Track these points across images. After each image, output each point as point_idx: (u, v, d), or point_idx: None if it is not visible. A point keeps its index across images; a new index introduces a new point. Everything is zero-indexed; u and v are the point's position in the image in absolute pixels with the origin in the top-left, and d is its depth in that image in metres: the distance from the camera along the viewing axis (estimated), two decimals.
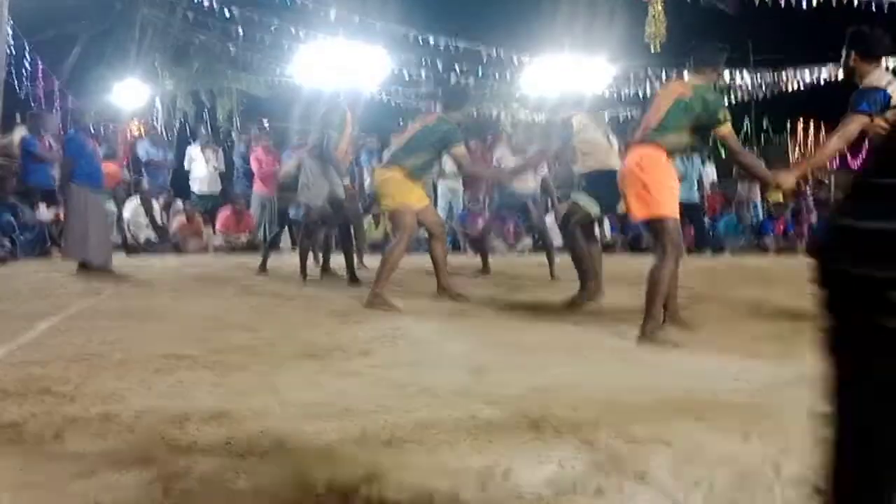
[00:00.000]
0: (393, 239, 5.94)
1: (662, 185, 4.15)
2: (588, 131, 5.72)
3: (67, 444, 2.22)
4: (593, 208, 5.59)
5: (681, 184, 4.70)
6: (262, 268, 7.91)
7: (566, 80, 14.14)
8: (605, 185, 5.45)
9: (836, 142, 4.65)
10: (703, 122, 4.21)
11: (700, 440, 2.30)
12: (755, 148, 15.83)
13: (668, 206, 4.15)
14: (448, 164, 11.98)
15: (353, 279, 6.90)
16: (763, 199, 13.33)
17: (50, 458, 2.09)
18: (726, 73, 19.10)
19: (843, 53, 4.62)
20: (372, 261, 9.16)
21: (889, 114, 4.36)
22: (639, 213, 4.20)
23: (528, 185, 7.71)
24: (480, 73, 16.97)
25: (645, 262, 4.33)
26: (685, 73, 4.55)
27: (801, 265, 3.95)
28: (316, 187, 6.93)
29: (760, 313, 5.25)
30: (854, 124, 4.45)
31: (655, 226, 4.17)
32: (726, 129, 4.26)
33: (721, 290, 6.94)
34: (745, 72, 19.21)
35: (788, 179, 4.52)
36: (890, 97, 4.41)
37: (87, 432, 2.32)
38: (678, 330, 4.35)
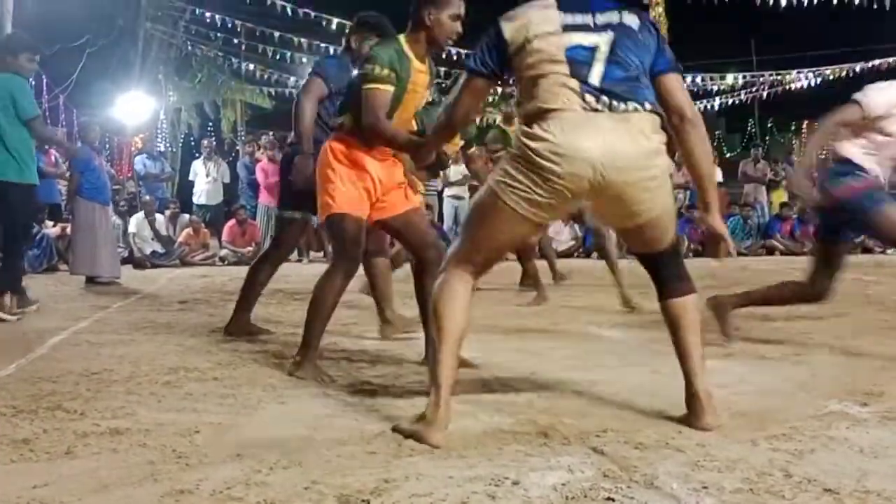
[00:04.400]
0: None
1: (326, 180, 3.42)
2: None
3: (79, 460, 2.23)
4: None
5: None
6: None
7: None
8: None
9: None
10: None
11: (710, 445, 2.30)
12: (759, 149, 15.70)
13: (329, 205, 3.41)
14: (452, 172, 12.02)
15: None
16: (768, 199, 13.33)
17: (62, 473, 2.10)
18: (730, 76, 19.14)
19: None
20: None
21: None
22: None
23: None
24: None
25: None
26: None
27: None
28: None
29: (768, 315, 5.24)
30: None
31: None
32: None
33: (728, 291, 6.92)
34: (747, 74, 19.16)
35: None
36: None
37: (98, 447, 2.33)
38: None
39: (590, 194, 2.39)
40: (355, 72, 3.83)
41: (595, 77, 2.38)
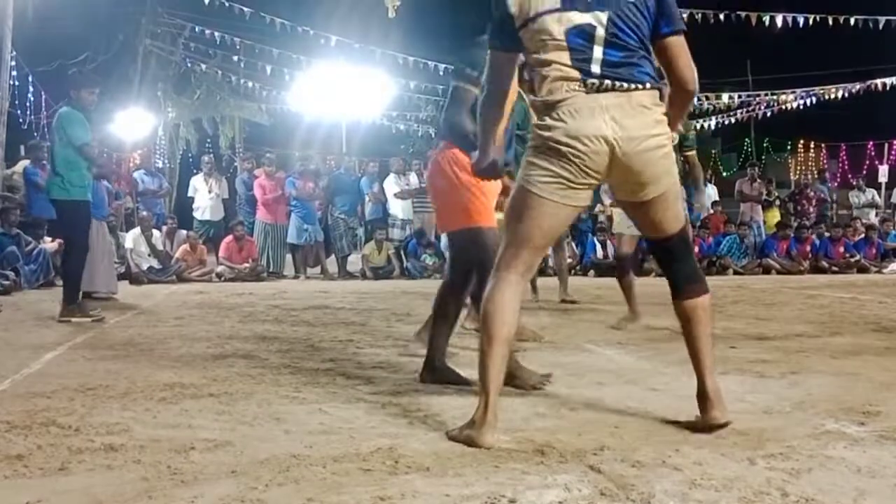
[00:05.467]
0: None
1: (453, 193, 3.47)
2: None
3: (73, 476, 2.21)
4: (635, 229, 4.78)
5: None
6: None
7: None
8: None
9: (486, 95, 2.88)
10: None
11: (707, 463, 2.29)
12: (756, 168, 15.77)
13: (473, 216, 3.44)
14: None
15: None
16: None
17: (56, 490, 2.09)
18: (725, 95, 19.24)
19: None
20: (366, 286, 9.18)
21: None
22: (438, 226, 3.63)
23: None
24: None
25: (649, 284, 4.32)
26: None
27: (804, 285, 3.97)
28: None
29: (764, 334, 5.24)
30: (491, 68, 2.79)
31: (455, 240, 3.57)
32: (456, 82, 3.42)
33: (725, 310, 6.93)
34: (743, 93, 19.26)
35: (482, 161, 3.02)
36: (509, 13, 2.59)
37: (92, 463, 2.32)
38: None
39: (609, 169, 2.50)
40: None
41: (595, 64, 2.47)
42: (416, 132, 20.71)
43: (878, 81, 17.04)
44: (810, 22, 14.07)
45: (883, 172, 19.31)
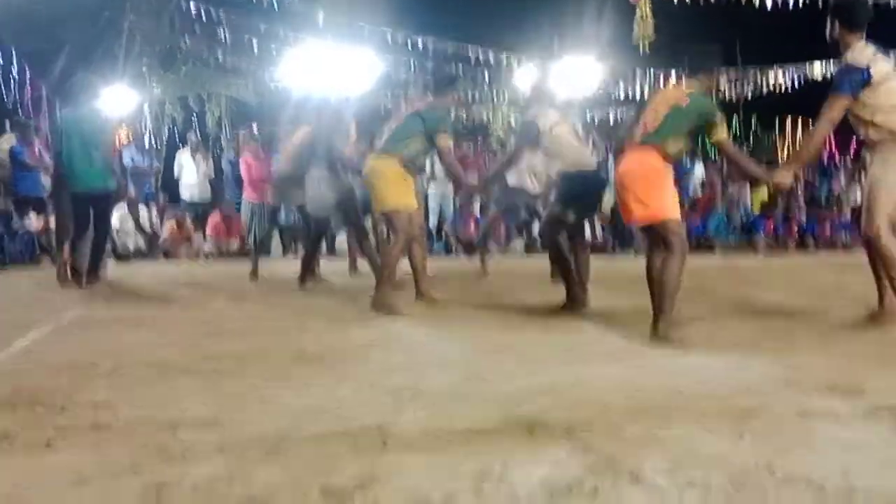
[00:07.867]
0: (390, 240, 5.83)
1: (663, 187, 4.19)
2: (557, 130, 5.40)
3: (59, 454, 2.20)
4: (569, 215, 5.37)
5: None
6: (254, 273, 7.90)
7: (555, 81, 14.15)
8: (577, 185, 5.34)
9: (822, 128, 4.51)
10: (698, 130, 4.31)
11: (694, 440, 2.30)
12: (744, 147, 15.83)
13: (671, 209, 4.19)
14: (438, 166, 12.00)
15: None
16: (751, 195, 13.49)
17: (42, 468, 2.08)
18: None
19: (828, 23, 4.63)
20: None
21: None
22: (639, 216, 4.21)
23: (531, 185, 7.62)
24: (469, 76, 16.98)
25: (632, 263, 4.32)
26: (681, 77, 4.57)
27: (791, 264, 3.98)
28: (323, 198, 6.89)
29: (751, 313, 5.27)
30: (836, 109, 4.41)
31: (660, 229, 4.17)
32: (722, 135, 4.32)
33: (712, 289, 6.96)
34: (732, 71, 19.24)
35: (786, 177, 4.69)
36: (870, 77, 4.33)
37: (78, 442, 2.31)
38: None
39: None
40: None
41: None
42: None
43: None
44: (800, 2, 14.04)
45: None
